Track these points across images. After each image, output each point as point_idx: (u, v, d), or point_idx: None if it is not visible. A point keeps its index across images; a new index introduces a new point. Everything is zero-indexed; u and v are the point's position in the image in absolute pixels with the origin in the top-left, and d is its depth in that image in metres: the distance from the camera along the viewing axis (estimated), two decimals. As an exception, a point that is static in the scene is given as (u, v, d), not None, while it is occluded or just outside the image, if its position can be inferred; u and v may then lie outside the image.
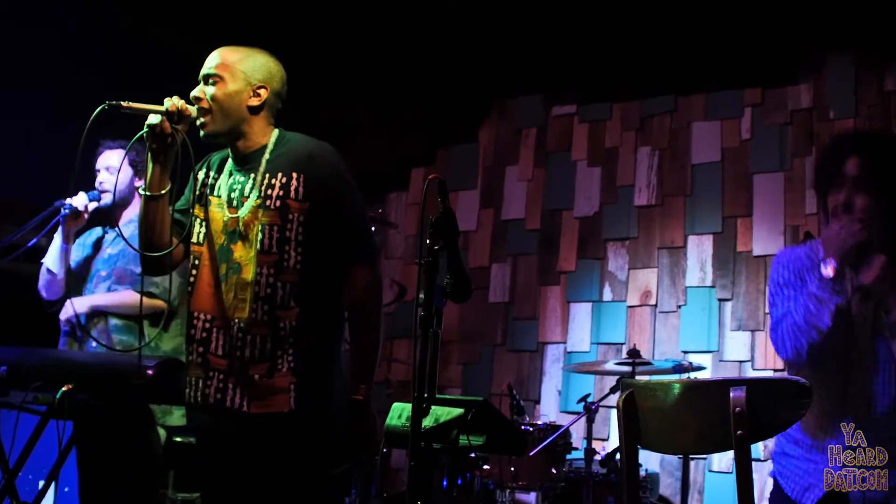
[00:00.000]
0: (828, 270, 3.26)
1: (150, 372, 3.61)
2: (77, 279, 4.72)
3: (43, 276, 4.73)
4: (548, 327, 7.43)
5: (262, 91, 3.41)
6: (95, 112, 3.10)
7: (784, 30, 6.70)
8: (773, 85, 6.95)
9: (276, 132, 3.47)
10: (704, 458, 6.42)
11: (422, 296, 2.71)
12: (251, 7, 6.80)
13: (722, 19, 6.70)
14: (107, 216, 4.76)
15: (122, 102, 3.15)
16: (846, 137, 3.63)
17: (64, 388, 3.58)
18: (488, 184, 8.05)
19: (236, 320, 3.28)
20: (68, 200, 4.53)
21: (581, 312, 7.32)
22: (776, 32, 6.72)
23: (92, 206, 4.62)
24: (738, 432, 2.46)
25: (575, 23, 7.06)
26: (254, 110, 3.40)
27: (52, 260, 4.70)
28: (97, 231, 4.83)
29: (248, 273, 3.28)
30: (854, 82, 6.64)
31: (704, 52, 6.99)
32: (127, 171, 4.69)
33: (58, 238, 4.68)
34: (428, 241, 2.75)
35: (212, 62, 3.39)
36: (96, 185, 4.69)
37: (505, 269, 7.76)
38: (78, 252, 4.78)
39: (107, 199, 4.66)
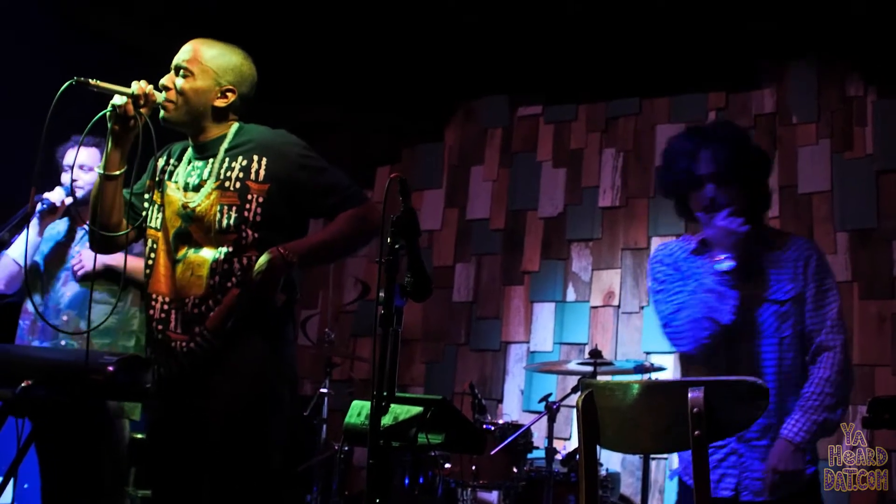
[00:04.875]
0: (725, 265, 3.53)
1: (110, 368, 3.60)
2: (44, 275, 4.66)
3: (6, 268, 4.65)
4: (511, 327, 7.45)
5: (229, 94, 3.46)
6: (63, 87, 3.10)
7: (748, 35, 6.74)
8: (736, 89, 7.00)
9: (236, 124, 3.51)
10: (665, 458, 6.46)
11: (382, 294, 2.72)
12: (217, 4, 6.77)
13: (686, 24, 6.73)
14: (74, 211, 4.68)
15: (90, 80, 3.16)
16: (689, 135, 3.72)
17: (23, 384, 3.56)
18: (453, 183, 8.06)
19: (191, 297, 3.32)
20: (46, 195, 4.48)
21: (544, 312, 7.34)
22: (740, 38, 6.76)
23: (68, 200, 4.56)
24: (696, 432, 2.48)
25: (541, 24, 7.07)
26: (218, 110, 3.45)
27: (18, 252, 4.63)
28: (61, 225, 4.76)
29: (207, 252, 3.33)
30: (816, 88, 6.71)
31: (669, 55, 7.03)
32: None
33: (33, 231, 4.59)
34: (389, 240, 2.76)
35: (186, 54, 3.43)
36: (62, 180, 4.62)
37: (469, 269, 7.77)
38: (45, 246, 4.71)
39: (81, 195, 4.59)
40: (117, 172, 3.37)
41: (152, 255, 3.45)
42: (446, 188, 8.08)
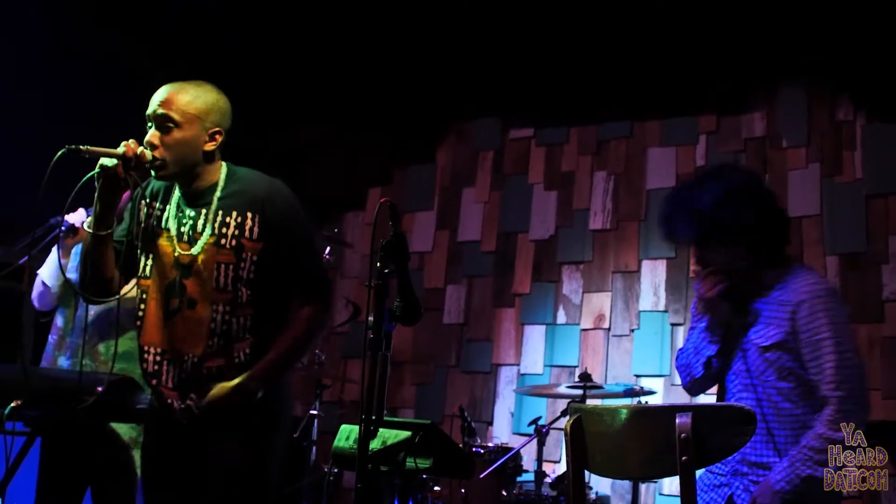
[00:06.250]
0: (702, 324, 3.70)
1: (100, 388, 3.60)
2: (74, 292, 4.71)
3: (37, 288, 4.78)
4: (502, 349, 7.44)
5: (217, 136, 3.39)
6: (56, 157, 3.09)
7: (738, 59, 6.78)
8: (727, 113, 7.02)
9: (225, 168, 3.46)
10: (655, 482, 6.44)
11: (371, 318, 2.72)
12: (207, 26, 6.78)
13: (677, 48, 6.78)
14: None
15: (80, 147, 3.14)
16: (670, 197, 3.78)
17: (12, 404, 3.56)
18: (445, 205, 8.06)
19: (189, 355, 3.31)
20: (66, 217, 4.51)
21: (535, 335, 7.33)
22: (731, 61, 6.80)
23: (89, 222, 4.59)
24: (684, 458, 2.49)
25: (532, 47, 7.11)
26: (208, 153, 3.39)
27: (48, 273, 4.75)
28: None
29: (204, 310, 3.31)
30: (806, 112, 6.73)
31: (660, 79, 7.06)
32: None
33: (55, 252, 4.70)
34: (379, 264, 2.77)
35: (164, 105, 3.31)
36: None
37: (460, 291, 7.77)
38: (74, 261, 4.76)
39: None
40: (108, 231, 3.31)
41: (142, 306, 3.43)
42: (437, 210, 8.08)
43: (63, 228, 4.55)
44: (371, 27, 6.97)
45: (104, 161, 3.17)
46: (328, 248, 7.17)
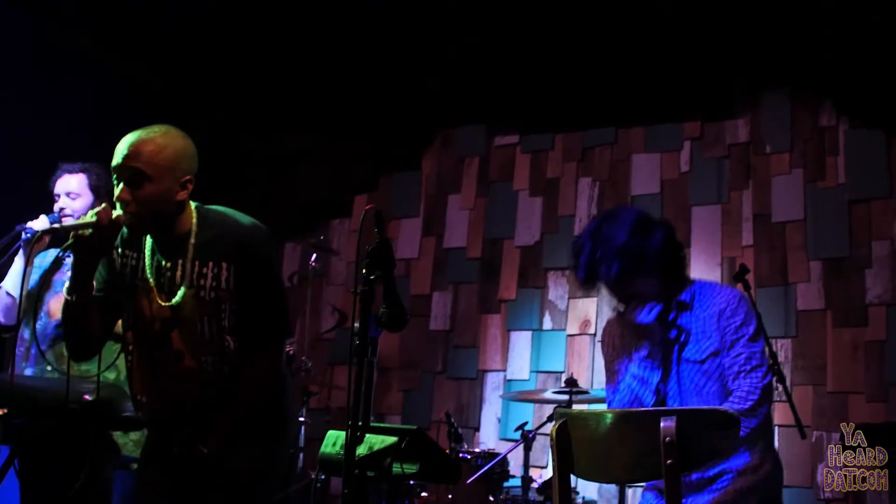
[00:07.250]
0: (642, 353, 3.80)
1: (86, 397, 3.61)
2: (34, 299, 4.68)
3: (2, 300, 4.71)
4: (488, 355, 7.45)
5: (188, 184, 3.29)
6: (36, 236, 3.07)
7: (722, 65, 6.81)
8: (711, 119, 7.06)
9: (195, 212, 3.36)
10: (642, 486, 6.45)
11: (357, 325, 2.73)
12: (194, 34, 6.78)
13: (662, 54, 6.80)
14: (64, 238, 4.71)
15: (55, 226, 3.12)
16: (582, 240, 3.82)
17: (-1, 413, 3.56)
18: (431, 212, 8.07)
19: (183, 405, 3.31)
20: (29, 224, 4.48)
21: (521, 341, 7.35)
22: (715, 68, 6.83)
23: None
24: (669, 462, 2.50)
25: (517, 54, 7.13)
26: (181, 203, 3.30)
27: (11, 284, 4.68)
28: (53, 252, 4.77)
29: (192, 362, 3.29)
30: (790, 118, 6.77)
31: (644, 85, 7.08)
32: (88, 196, 4.67)
33: (19, 261, 4.64)
34: (364, 271, 2.78)
35: (131, 158, 3.16)
36: (55, 209, 4.64)
37: (446, 298, 7.78)
38: (35, 274, 4.74)
39: (68, 223, 4.61)
40: (90, 296, 3.25)
41: (129, 357, 3.40)
42: (423, 217, 8.09)
43: (27, 236, 4.51)
44: (357, 34, 6.97)
45: (80, 232, 3.10)
46: (314, 256, 7.18)
